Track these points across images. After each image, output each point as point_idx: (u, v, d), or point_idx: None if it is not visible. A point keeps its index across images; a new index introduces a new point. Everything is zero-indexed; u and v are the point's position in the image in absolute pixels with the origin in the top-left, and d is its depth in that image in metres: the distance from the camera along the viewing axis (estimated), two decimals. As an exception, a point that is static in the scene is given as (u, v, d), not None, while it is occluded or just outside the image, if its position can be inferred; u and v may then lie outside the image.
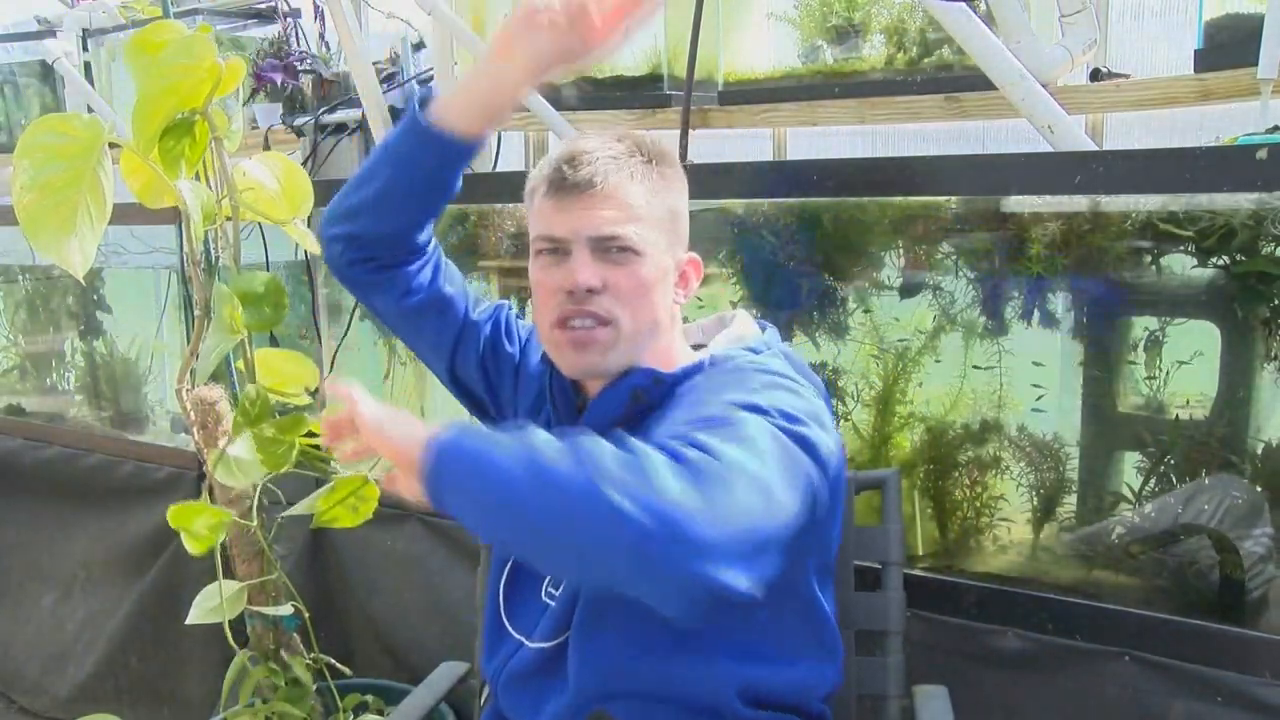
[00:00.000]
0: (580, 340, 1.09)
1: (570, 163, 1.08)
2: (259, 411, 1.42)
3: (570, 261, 1.08)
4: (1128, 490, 1.45)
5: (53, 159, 1.24)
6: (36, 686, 2.60)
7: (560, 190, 1.09)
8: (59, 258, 1.24)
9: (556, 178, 1.09)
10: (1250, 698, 1.23)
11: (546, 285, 1.10)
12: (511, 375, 1.28)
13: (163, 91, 1.27)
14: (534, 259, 1.13)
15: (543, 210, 1.11)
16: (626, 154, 1.10)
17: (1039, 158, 1.38)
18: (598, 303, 1.08)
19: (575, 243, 1.08)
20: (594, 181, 1.08)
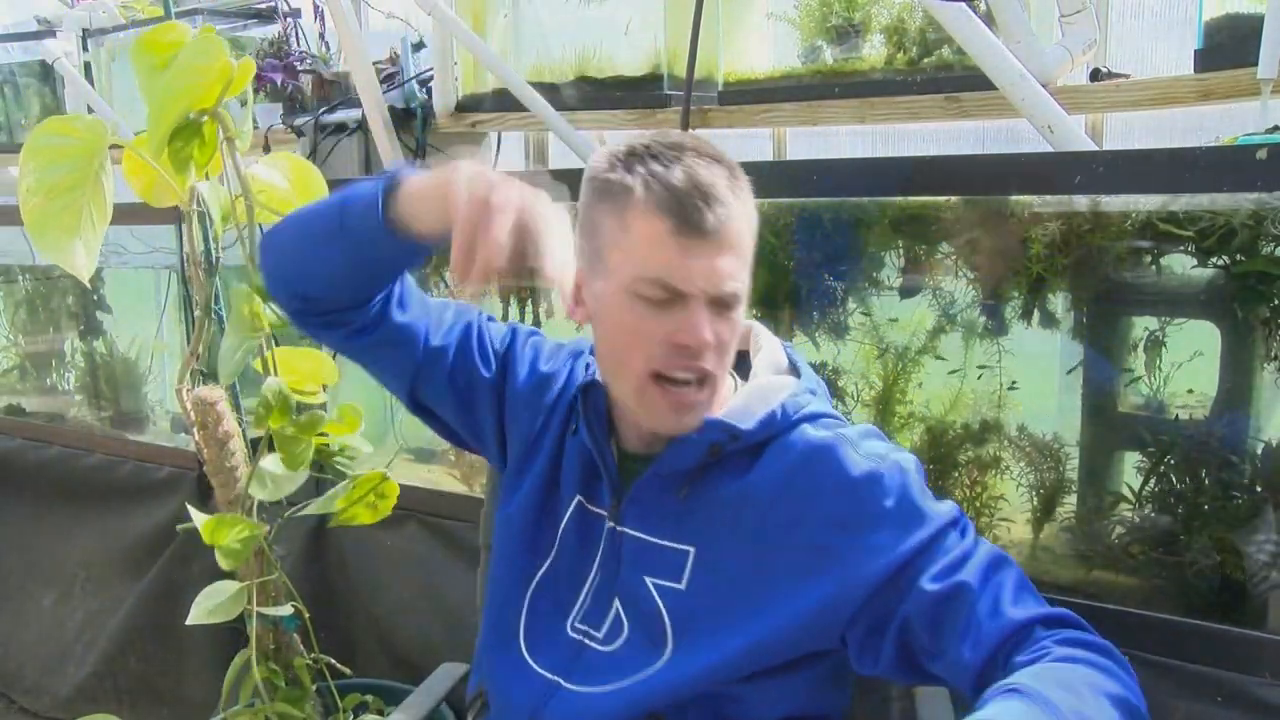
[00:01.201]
0: (683, 403, 1.01)
1: (704, 197, 0.96)
2: (281, 408, 1.42)
3: (685, 314, 0.97)
4: (1128, 490, 1.45)
5: (57, 161, 1.24)
6: (36, 686, 2.60)
7: (690, 232, 0.96)
8: (64, 261, 1.24)
9: (685, 215, 0.96)
10: (1251, 698, 1.23)
11: (647, 333, 0.99)
12: (490, 398, 1.20)
13: (177, 93, 1.28)
14: (626, 293, 0.99)
15: (659, 250, 0.96)
16: (731, 179, 1.00)
17: (1039, 158, 1.38)
18: (705, 357, 1.00)
19: (695, 297, 0.97)
20: (724, 226, 0.97)
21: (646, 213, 0.97)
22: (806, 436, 1.05)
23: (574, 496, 1.14)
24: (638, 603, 1.07)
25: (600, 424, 1.11)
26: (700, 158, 0.99)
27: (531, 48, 2.12)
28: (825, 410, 1.09)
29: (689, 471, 1.06)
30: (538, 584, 1.14)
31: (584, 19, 2.05)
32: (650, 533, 1.08)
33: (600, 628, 1.09)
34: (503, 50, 2.14)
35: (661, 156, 0.99)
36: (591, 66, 2.03)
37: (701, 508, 1.05)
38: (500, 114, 2.12)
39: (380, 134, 2.12)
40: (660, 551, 1.07)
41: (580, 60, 2.04)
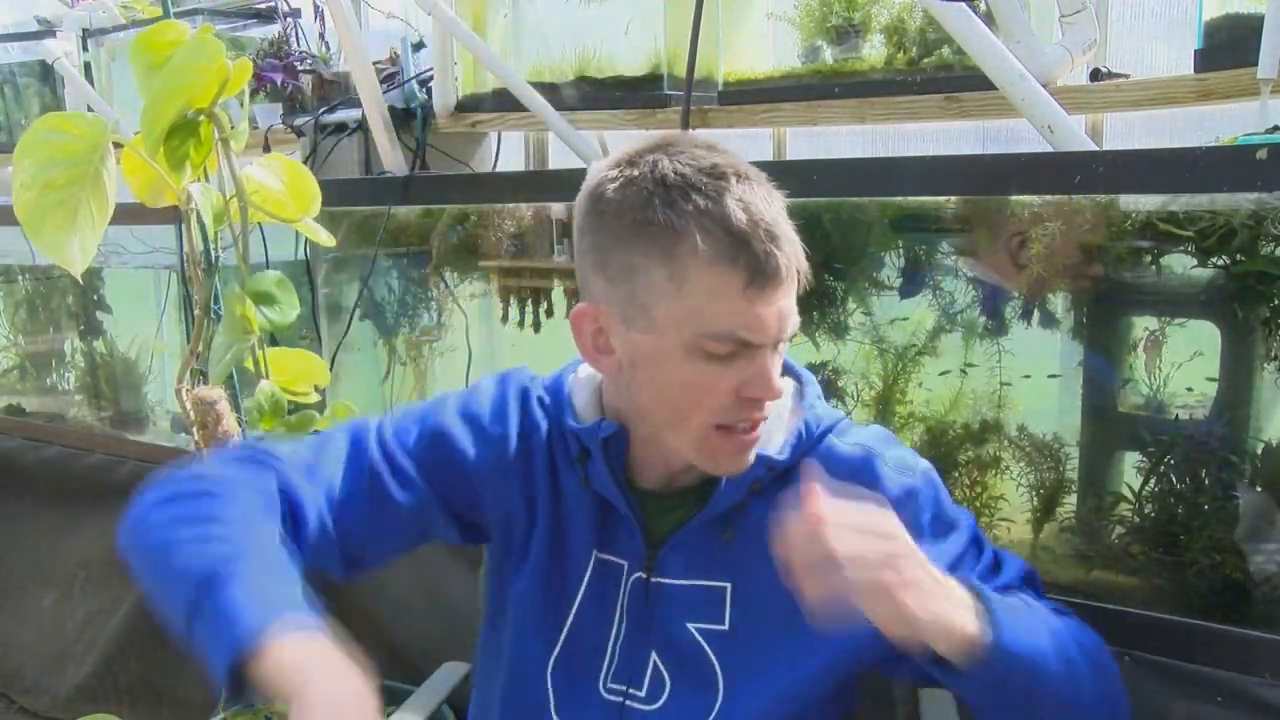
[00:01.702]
0: (746, 446, 0.97)
1: (770, 237, 0.88)
2: (274, 410, 1.42)
3: (754, 364, 0.91)
4: (1128, 490, 1.45)
5: (55, 158, 1.24)
6: (36, 686, 2.60)
7: (763, 282, 0.88)
8: (58, 256, 1.24)
9: (757, 264, 0.87)
10: (1250, 698, 1.23)
11: (711, 388, 0.92)
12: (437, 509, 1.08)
13: (173, 92, 1.27)
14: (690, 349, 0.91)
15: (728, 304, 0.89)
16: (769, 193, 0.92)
17: (1039, 158, 1.38)
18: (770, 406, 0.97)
19: (766, 345, 0.92)
20: (789, 268, 0.90)
21: (711, 264, 0.88)
22: (836, 454, 1.03)
23: (590, 551, 1.06)
24: (681, 652, 1.03)
25: (621, 472, 1.04)
26: (743, 182, 0.90)
27: (531, 48, 2.12)
28: (835, 414, 1.07)
29: (731, 512, 1.02)
30: (559, 652, 1.07)
31: (584, 19, 2.05)
32: (689, 576, 1.03)
33: (640, 685, 1.03)
34: (503, 50, 2.14)
35: (705, 190, 0.89)
36: (591, 66, 2.03)
37: (742, 544, 1.02)
38: (500, 114, 2.12)
39: (380, 134, 2.12)
40: (699, 593, 1.03)
41: (580, 60, 2.04)
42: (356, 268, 2.20)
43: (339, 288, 2.25)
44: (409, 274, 2.24)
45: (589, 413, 1.06)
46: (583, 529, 1.06)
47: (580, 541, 1.06)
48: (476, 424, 1.09)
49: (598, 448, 1.02)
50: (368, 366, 2.31)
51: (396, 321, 2.29)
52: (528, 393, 1.11)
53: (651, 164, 0.91)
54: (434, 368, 2.29)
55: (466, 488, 1.08)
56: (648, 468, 1.05)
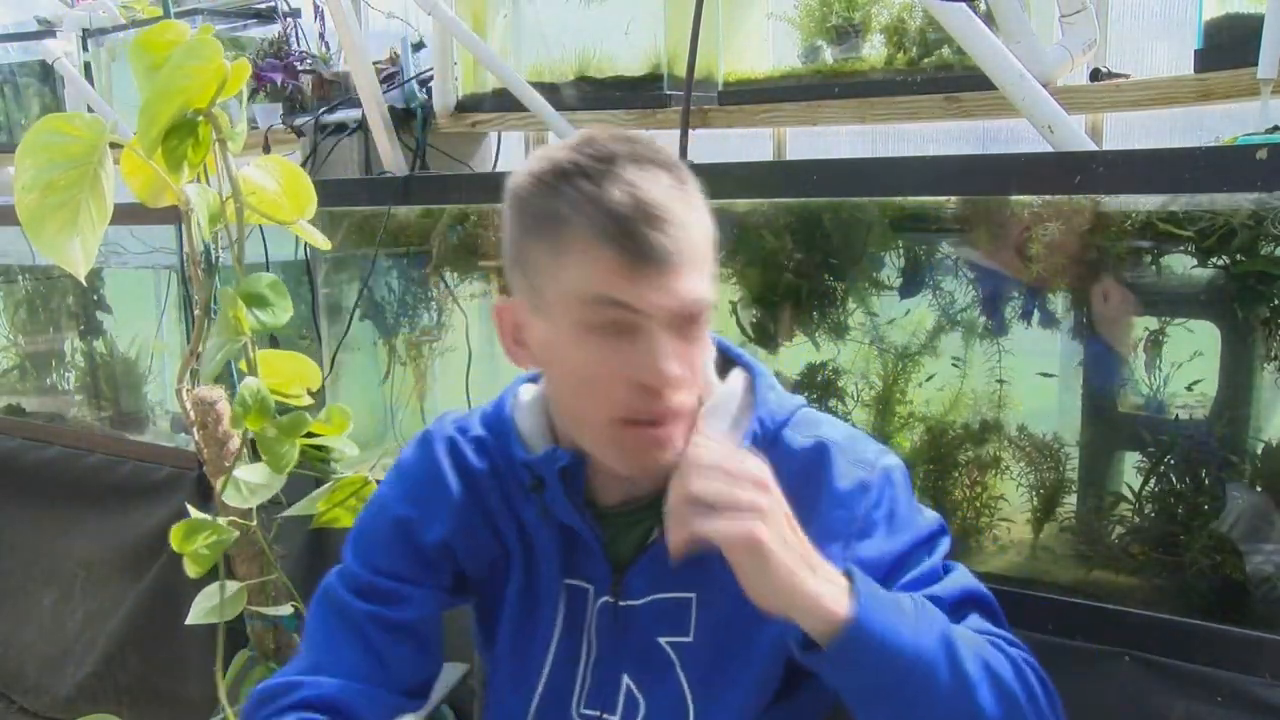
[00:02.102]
0: (657, 440, 0.90)
1: (647, 220, 0.84)
2: (258, 407, 1.41)
3: (646, 346, 0.86)
4: (1128, 490, 1.45)
5: (55, 159, 1.24)
6: (36, 686, 2.60)
7: (641, 259, 0.85)
8: (60, 258, 1.24)
9: (632, 242, 0.84)
10: (1250, 698, 1.23)
11: (608, 373, 0.88)
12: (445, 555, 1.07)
13: (170, 92, 1.28)
14: (576, 332, 0.88)
15: (605, 277, 0.85)
16: (675, 183, 0.88)
17: (1039, 158, 1.38)
18: (674, 397, 0.89)
19: (656, 322, 0.86)
20: (680, 246, 0.85)
21: (588, 242, 0.85)
22: (791, 448, 0.99)
23: (559, 578, 1.04)
24: (652, 668, 1.01)
25: (579, 497, 1.00)
26: (638, 165, 0.87)
27: (531, 48, 2.12)
28: (791, 404, 1.03)
29: None
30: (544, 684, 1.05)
31: (584, 19, 2.05)
32: (653, 591, 1.01)
33: (614, 709, 1.02)
34: (503, 50, 2.14)
35: (592, 172, 0.86)
36: (591, 66, 2.03)
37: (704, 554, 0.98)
38: (500, 114, 2.12)
39: (380, 134, 2.12)
40: (665, 606, 1.01)
41: (580, 60, 2.04)
42: (356, 268, 2.20)
43: (339, 288, 2.25)
44: (409, 274, 2.24)
45: (538, 439, 1.03)
46: (550, 559, 1.04)
47: (550, 569, 1.04)
48: (421, 498, 1.07)
49: (554, 477, 0.99)
50: (368, 366, 2.31)
51: (396, 321, 2.29)
52: (454, 442, 1.08)
53: (555, 157, 0.90)
54: (434, 368, 2.29)
55: (449, 559, 1.06)
56: (606, 484, 1.02)
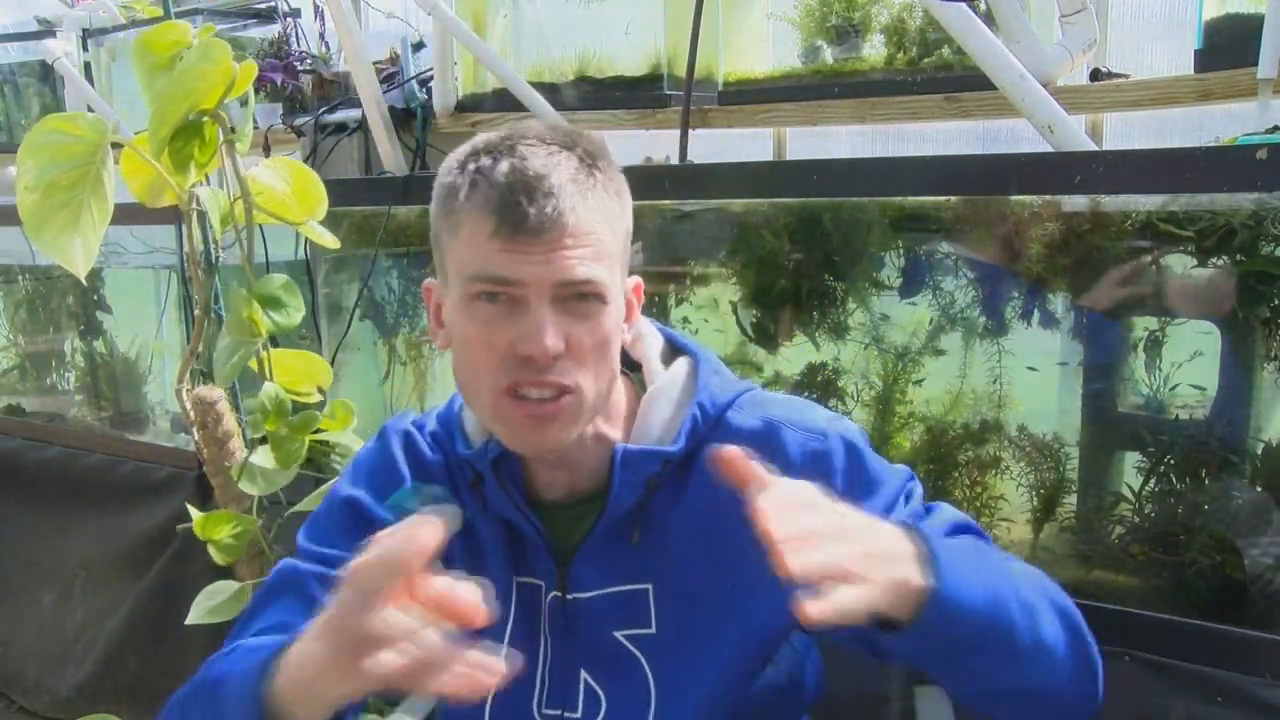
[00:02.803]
0: (539, 415, 0.90)
1: (525, 194, 0.86)
2: (277, 411, 1.42)
3: (526, 317, 0.88)
4: (1128, 490, 1.45)
5: (57, 159, 1.24)
6: (36, 686, 2.60)
7: (514, 230, 0.86)
8: (62, 258, 1.24)
9: (508, 213, 0.86)
10: (1250, 698, 1.23)
11: (489, 343, 0.89)
12: None
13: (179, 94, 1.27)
14: (465, 302, 0.90)
15: (483, 245, 0.87)
16: (582, 168, 0.90)
17: (1039, 158, 1.38)
18: (559, 369, 0.89)
19: (533, 291, 0.87)
20: (559, 219, 0.86)
21: (471, 213, 0.88)
22: (736, 428, 0.98)
23: (509, 577, 1.02)
24: (611, 663, 1.00)
25: (518, 487, 1.00)
26: (541, 145, 0.88)
27: (531, 48, 2.12)
28: (738, 387, 1.02)
29: (633, 513, 0.98)
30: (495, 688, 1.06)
31: (584, 19, 2.05)
32: (605, 584, 1.00)
33: (575, 706, 1.01)
34: (503, 50, 2.14)
35: (494, 150, 0.89)
36: (591, 66, 2.03)
37: (652, 541, 0.99)
38: (500, 114, 2.12)
39: (380, 134, 2.13)
40: (619, 599, 1.00)
41: (580, 60, 2.04)
42: (356, 268, 2.20)
43: (339, 288, 2.26)
44: (409, 274, 2.24)
45: (479, 435, 1.02)
46: (497, 556, 1.02)
47: (497, 569, 1.02)
48: (374, 485, 1.06)
49: (489, 469, 0.99)
50: (368, 366, 2.31)
51: (396, 321, 2.29)
52: (409, 435, 1.08)
53: (475, 141, 0.93)
54: (434, 368, 2.29)
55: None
56: (547, 480, 1.01)
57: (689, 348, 1.06)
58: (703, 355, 1.04)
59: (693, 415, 0.98)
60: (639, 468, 0.97)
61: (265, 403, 1.41)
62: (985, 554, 0.89)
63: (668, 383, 1.01)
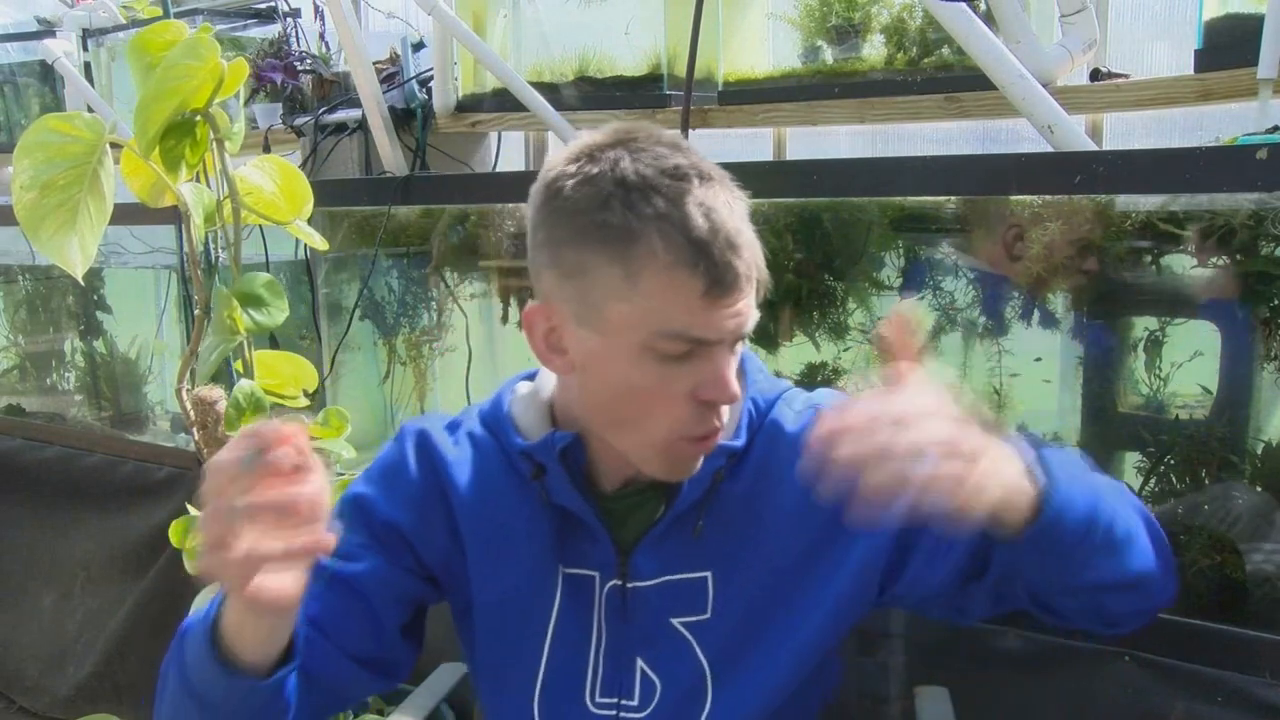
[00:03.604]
0: (705, 450, 0.96)
1: (731, 246, 0.86)
2: (252, 409, 1.41)
3: (710, 365, 0.89)
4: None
5: (54, 159, 1.24)
6: (36, 686, 2.60)
7: (723, 290, 0.86)
8: (59, 258, 1.24)
9: (717, 273, 0.85)
10: (1250, 698, 1.23)
11: (667, 393, 0.90)
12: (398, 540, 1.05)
13: (166, 92, 1.27)
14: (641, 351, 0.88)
15: (689, 304, 0.86)
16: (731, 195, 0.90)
17: (1039, 158, 1.38)
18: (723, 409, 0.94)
19: (725, 344, 0.89)
20: (747, 272, 0.88)
21: (669, 269, 0.85)
22: (785, 424, 1.02)
23: (555, 569, 1.03)
24: (667, 650, 1.01)
25: (580, 480, 1.01)
26: (706, 184, 0.87)
27: (531, 48, 2.12)
28: (781, 385, 1.06)
29: (699, 503, 1.00)
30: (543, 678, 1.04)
31: (584, 19, 2.05)
32: (665, 573, 1.01)
33: (631, 693, 1.02)
34: (503, 50, 2.14)
35: (666, 192, 0.86)
36: (591, 66, 2.03)
37: (714, 532, 1.01)
38: (500, 114, 2.12)
39: (380, 134, 2.13)
40: (678, 587, 1.01)
41: (580, 60, 2.04)
42: (357, 268, 2.20)
43: (339, 288, 2.26)
44: (409, 274, 2.24)
45: (537, 429, 1.03)
46: (538, 548, 1.03)
47: (537, 562, 1.03)
48: (383, 484, 1.07)
49: (554, 460, 1.00)
50: (368, 366, 2.31)
51: (396, 321, 2.29)
52: (425, 434, 1.09)
53: (612, 161, 0.88)
54: (434, 368, 2.29)
55: (403, 546, 1.05)
56: (608, 470, 1.02)
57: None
58: (747, 356, 1.06)
59: (748, 410, 1.02)
60: (708, 462, 0.98)
61: (240, 399, 1.40)
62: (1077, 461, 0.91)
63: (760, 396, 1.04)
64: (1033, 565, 0.90)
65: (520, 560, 1.04)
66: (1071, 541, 0.85)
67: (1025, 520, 0.82)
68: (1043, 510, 0.82)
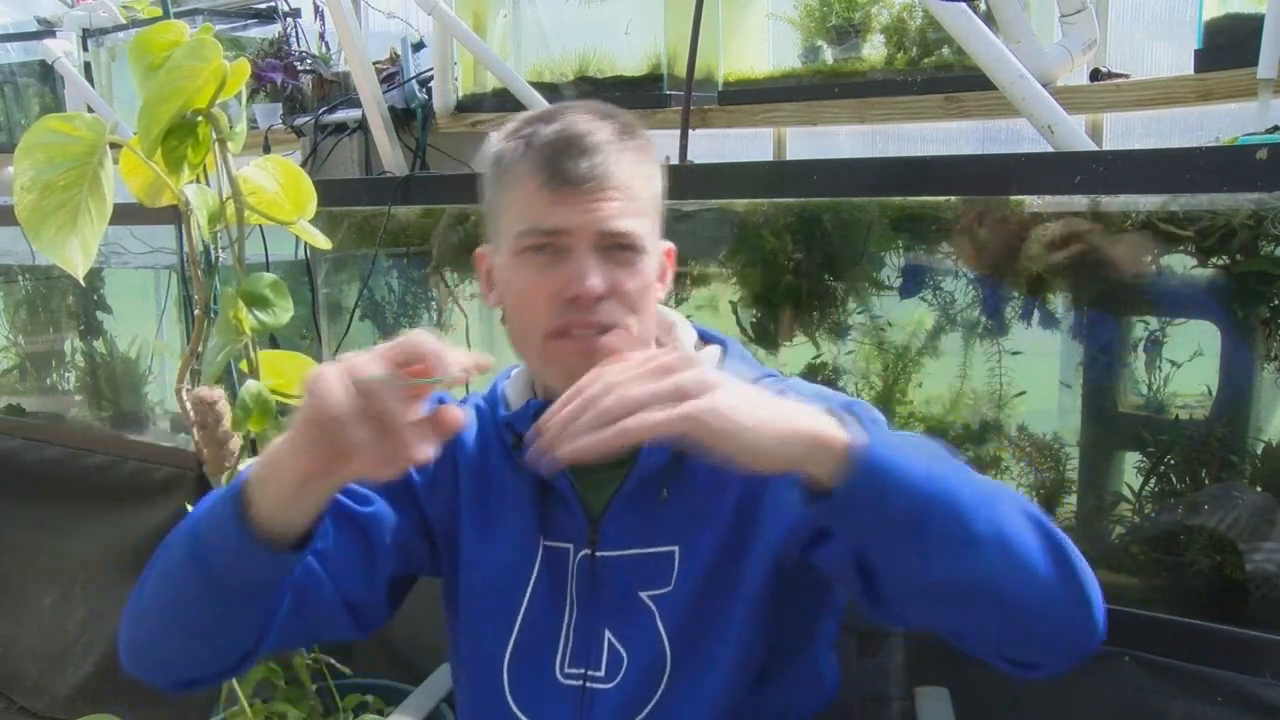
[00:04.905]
0: (589, 349, 0.95)
1: (569, 151, 0.94)
2: (259, 410, 1.42)
3: (570, 263, 0.94)
4: (1128, 490, 1.45)
5: (55, 159, 1.24)
6: (36, 686, 2.60)
7: (561, 182, 0.94)
8: (60, 258, 1.24)
9: (554, 167, 0.94)
10: (1250, 698, 1.23)
11: (539, 290, 0.95)
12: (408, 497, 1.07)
13: (170, 93, 1.27)
14: (515, 256, 0.97)
15: (534, 200, 0.95)
16: (620, 134, 0.97)
17: (1039, 158, 1.38)
18: (604, 310, 0.95)
19: (578, 240, 0.95)
20: (602, 170, 0.94)
21: (522, 172, 0.96)
22: None
23: (536, 541, 1.05)
24: (634, 623, 1.02)
25: None
26: (585, 114, 0.97)
27: (531, 48, 2.13)
28: (760, 370, 1.07)
29: (664, 470, 1.01)
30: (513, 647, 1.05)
31: (584, 19, 2.05)
32: (633, 545, 1.02)
33: (599, 665, 1.03)
34: (503, 50, 2.14)
35: (541, 118, 0.98)
36: (591, 66, 2.03)
37: (681, 504, 1.02)
38: (500, 114, 2.12)
39: (380, 134, 2.13)
40: (646, 560, 1.02)
41: (580, 60, 2.04)
42: (357, 268, 2.20)
43: (339, 288, 2.26)
44: (409, 274, 2.24)
45: (518, 400, 1.08)
46: (524, 520, 1.05)
47: (521, 533, 1.05)
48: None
49: (528, 428, 1.00)
50: (368, 366, 2.31)
51: (396, 321, 2.29)
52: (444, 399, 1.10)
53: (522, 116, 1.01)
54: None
55: (411, 499, 1.07)
56: None
57: (715, 337, 1.11)
58: (730, 342, 1.09)
59: None
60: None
61: (247, 400, 1.40)
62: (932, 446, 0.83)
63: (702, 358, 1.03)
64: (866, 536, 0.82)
65: (508, 533, 1.06)
66: (905, 518, 0.77)
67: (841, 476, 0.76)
68: (855, 465, 0.75)
